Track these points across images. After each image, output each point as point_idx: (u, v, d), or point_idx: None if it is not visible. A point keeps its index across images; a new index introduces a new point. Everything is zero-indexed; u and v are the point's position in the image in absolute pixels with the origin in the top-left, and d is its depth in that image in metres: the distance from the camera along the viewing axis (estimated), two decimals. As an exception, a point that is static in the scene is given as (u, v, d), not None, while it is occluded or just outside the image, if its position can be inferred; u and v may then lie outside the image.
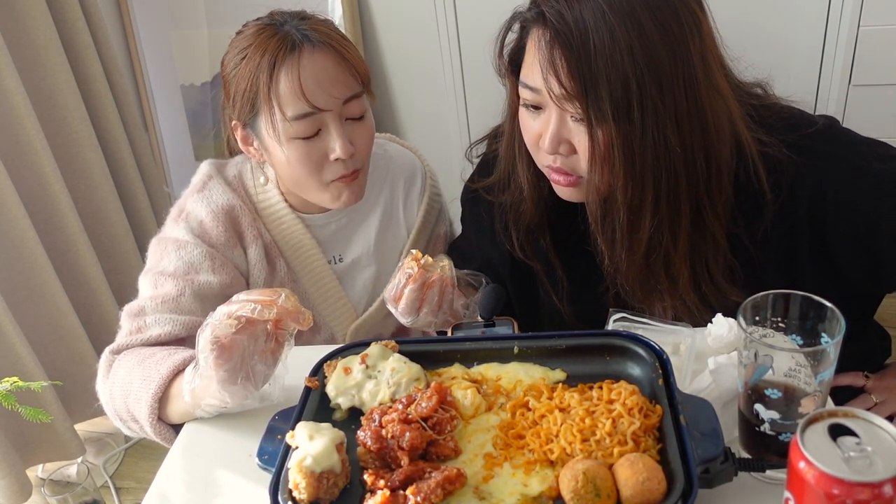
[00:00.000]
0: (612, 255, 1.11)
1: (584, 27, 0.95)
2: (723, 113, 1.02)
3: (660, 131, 0.98)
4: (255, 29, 1.18)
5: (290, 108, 1.14)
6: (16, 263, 1.83)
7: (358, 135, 1.20)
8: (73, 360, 1.96)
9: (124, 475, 2.12)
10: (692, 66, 0.97)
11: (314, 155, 1.18)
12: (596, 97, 0.96)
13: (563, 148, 1.04)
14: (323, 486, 0.78)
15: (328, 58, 1.15)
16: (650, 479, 0.74)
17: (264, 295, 0.89)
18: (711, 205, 1.05)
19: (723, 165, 1.03)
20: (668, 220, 1.04)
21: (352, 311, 1.36)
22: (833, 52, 1.96)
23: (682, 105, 0.98)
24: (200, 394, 0.95)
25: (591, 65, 0.95)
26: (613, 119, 0.97)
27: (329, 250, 1.34)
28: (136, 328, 1.17)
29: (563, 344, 0.95)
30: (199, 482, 0.95)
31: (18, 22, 1.83)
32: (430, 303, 1.08)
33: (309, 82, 1.13)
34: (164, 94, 2.41)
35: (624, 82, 0.95)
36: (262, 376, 0.92)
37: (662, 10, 0.95)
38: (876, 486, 0.58)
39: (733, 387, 0.85)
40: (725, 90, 1.03)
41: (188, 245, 1.22)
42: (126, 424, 1.12)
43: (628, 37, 0.94)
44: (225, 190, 1.27)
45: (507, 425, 0.87)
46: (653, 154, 0.99)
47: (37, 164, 1.86)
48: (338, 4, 2.15)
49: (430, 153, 1.47)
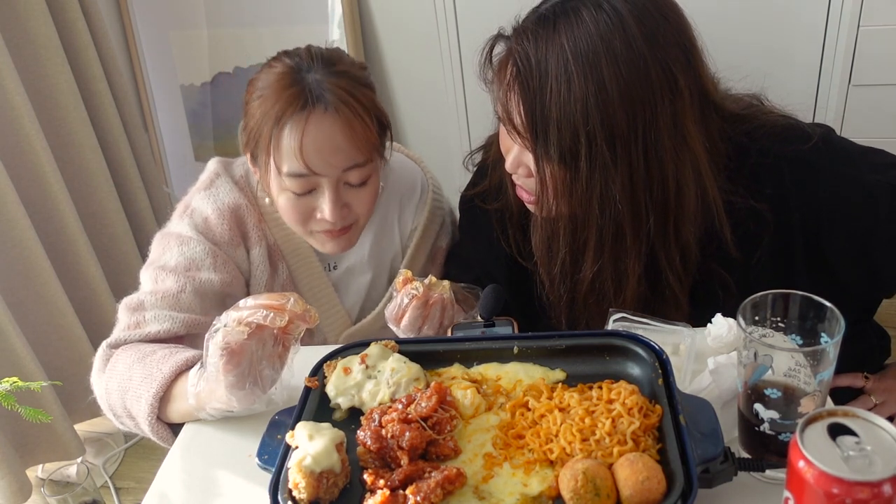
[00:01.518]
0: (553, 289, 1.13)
1: (544, 71, 0.95)
2: (689, 172, 1.01)
3: (607, 185, 0.98)
4: (280, 69, 1.14)
5: (286, 164, 1.13)
6: (16, 263, 1.82)
7: (355, 198, 1.19)
8: (73, 360, 1.96)
9: (124, 475, 2.12)
10: (656, 127, 0.96)
11: (302, 209, 1.18)
12: (545, 140, 0.97)
13: (522, 170, 1.06)
14: (323, 485, 0.78)
15: (336, 124, 1.12)
16: (650, 479, 0.74)
17: (272, 300, 0.89)
18: (668, 259, 1.05)
19: (683, 223, 1.03)
20: (611, 269, 1.05)
21: (346, 318, 1.37)
22: (833, 52, 1.96)
23: (638, 165, 0.97)
24: (206, 398, 0.95)
25: (543, 109, 0.96)
26: (560, 162, 0.98)
27: (325, 257, 1.34)
28: (135, 323, 1.16)
29: (563, 344, 0.95)
30: (198, 482, 0.95)
31: (18, 22, 1.83)
32: (431, 321, 1.09)
33: (309, 146, 1.11)
34: (164, 95, 2.41)
35: (573, 133, 0.95)
36: (269, 381, 0.92)
37: (630, 68, 0.94)
38: (875, 485, 0.58)
39: (733, 386, 0.85)
40: (697, 147, 1.01)
41: (191, 241, 1.21)
42: (119, 419, 1.12)
43: (585, 90, 0.93)
44: (232, 189, 1.26)
45: (507, 425, 0.87)
46: (598, 205, 1.00)
47: (36, 165, 1.85)
48: (337, 6, 2.15)
49: (431, 159, 1.47)
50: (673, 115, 0.97)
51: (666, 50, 0.96)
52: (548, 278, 1.13)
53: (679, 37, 0.98)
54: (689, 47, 1.00)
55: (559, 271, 1.10)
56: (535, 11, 1.01)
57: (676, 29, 0.98)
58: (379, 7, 2.20)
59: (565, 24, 0.96)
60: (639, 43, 0.94)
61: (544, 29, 0.97)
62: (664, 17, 0.97)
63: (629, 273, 1.05)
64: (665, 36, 0.96)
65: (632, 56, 0.94)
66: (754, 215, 1.06)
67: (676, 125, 0.98)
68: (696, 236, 1.05)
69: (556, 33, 0.96)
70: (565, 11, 0.97)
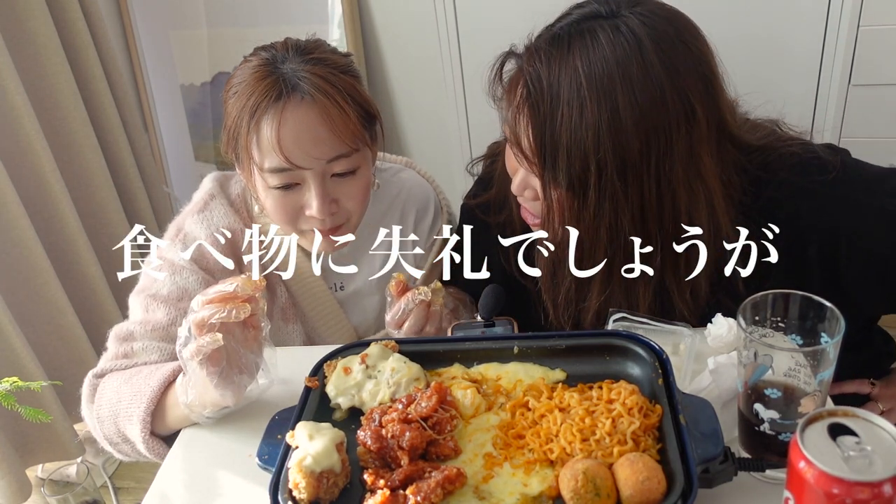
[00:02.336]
0: (557, 315, 1.10)
1: (556, 95, 0.92)
2: (702, 206, 0.97)
3: (617, 215, 0.95)
4: (255, 62, 1.09)
5: (266, 159, 1.07)
6: (16, 264, 1.82)
7: (345, 191, 1.12)
8: (72, 360, 1.96)
9: (124, 475, 2.12)
10: (670, 159, 0.93)
11: (289, 206, 1.11)
12: (553, 166, 0.94)
13: (529, 193, 1.03)
14: (323, 485, 0.78)
15: (312, 113, 1.05)
16: (650, 479, 0.74)
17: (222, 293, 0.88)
18: (679, 292, 1.02)
19: (694, 254, 0.99)
20: (622, 299, 1.02)
21: (353, 335, 1.32)
22: (833, 52, 1.96)
23: (650, 196, 0.94)
24: (198, 405, 0.95)
25: (553, 134, 0.92)
26: (568, 189, 0.95)
27: (330, 278, 1.29)
28: (123, 353, 1.14)
29: (563, 344, 0.95)
30: (199, 482, 0.95)
31: (18, 22, 1.83)
32: (433, 323, 1.07)
33: (287, 138, 1.05)
34: (164, 94, 2.40)
35: (583, 160, 0.92)
36: (254, 365, 0.93)
37: (647, 96, 0.90)
38: (875, 485, 0.58)
39: (733, 386, 0.85)
40: (712, 180, 0.97)
41: (184, 271, 1.17)
42: (117, 447, 1.10)
43: (598, 117, 0.90)
44: (227, 212, 1.21)
45: (507, 425, 0.87)
46: (606, 235, 0.97)
47: (36, 165, 1.85)
48: (337, 6, 2.15)
49: (430, 161, 1.46)
50: (689, 146, 0.93)
51: (685, 79, 0.92)
52: (552, 306, 1.10)
53: (699, 65, 0.94)
54: (710, 76, 0.96)
55: (563, 298, 1.06)
56: (549, 30, 0.97)
57: (697, 57, 0.94)
58: (379, 7, 2.20)
59: (580, 45, 0.92)
60: (657, 70, 0.90)
61: (558, 50, 0.93)
62: (684, 44, 0.93)
63: (639, 304, 1.02)
64: (685, 64, 0.92)
65: (649, 84, 0.90)
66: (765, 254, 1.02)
67: (692, 157, 0.94)
68: (707, 273, 1.01)
69: (571, 55, 0.92)
70: (581, 32, 0.93)
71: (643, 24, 0.92)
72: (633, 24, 0.92)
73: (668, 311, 1.05)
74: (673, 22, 0.95)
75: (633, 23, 0.92)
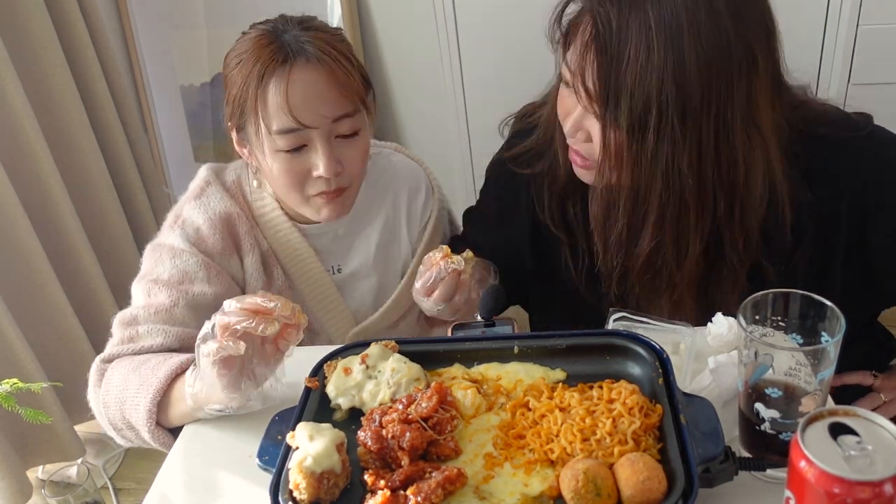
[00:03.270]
0: (607, 259, 1.10)
1: (624, 37, 0.92)
2: (758, 155, 0.99)
3: (674, 159, 0.96)
4: (256, 34, 1.15)
5: (275, 121, 1.11)
6: (16, 264, 1.82)
7: (348, 153, 1.17)
8: (73, 361, 1.96)
9: (124, 476, 2.12)
10: (730, 106, 0.94)
11: (297, 169, 1.15)
12: (616, 106, 0.95)
13: (581, 135, 1.04)
14: (323, 486, 0.78)
15: (319, 73, 1.11)
16: (650, 479, 0.74)
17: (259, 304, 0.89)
18: (732, 241, 1.03)
19: (749, 206, 1.01)
20: (671, 246, 1.03)
21: (351, 319, 1.35)
22: (832, 51, 1.95)
23: (708, 141, 0.95)
24: (203, 398, 0.96)
25: (618, 75, 0.93)
26: (628, 132, 0.96)
27: (327, 260, 1.32)
28: (128, 337, 1.15)
29: (563, 343, 0.95)
30: (199, 483, 0.95)
31: (17, 22, 1.83)
32: (463, 293, 1.10)
33: (296, 98, 1.10)
34: (164, 95, 2.40)
35: (645, 102, 0.93)
36: (263, 377, 0.93)
37: (712, 44, 0.92)
38: (876, 484, 0.58)
39: (733, 386, 0.85)
40: (768, 131, 0.99)
41: (184, 254, 1.19)
42: (121, 433, 1.11)
43: (664, 60, 0.91)
44: (223, 197, 1.25)
45: (508, 425, 0.87)
46: (662, 179, 0.97)
47: (36, 166, 1.85)
48: (337, 5, 2.15)
49: (430, 157, 1.46)
50: (748, 95, 0.95)
51: (750, 29, 0.94)
52: (602, 248, 1.10)
53: (763, 16, 0.97)
54: (771, 28, 0.99)
55: (615, 241, 1.07)
56: None
57: (761, 8, 0.97)
58: (379, 7, 2.20)
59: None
60: (724, 19, 0.92)
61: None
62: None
63: (689, 251, 1.03)
64: (750, 14, 0.94)
65: (715, 32, 0.91)
66: (807, 205, 1.05)
67: (750, 106, 0.96)
68: (759, 219, 1.03)
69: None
70: None
71: None
72: None
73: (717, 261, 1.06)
74: None
75: None
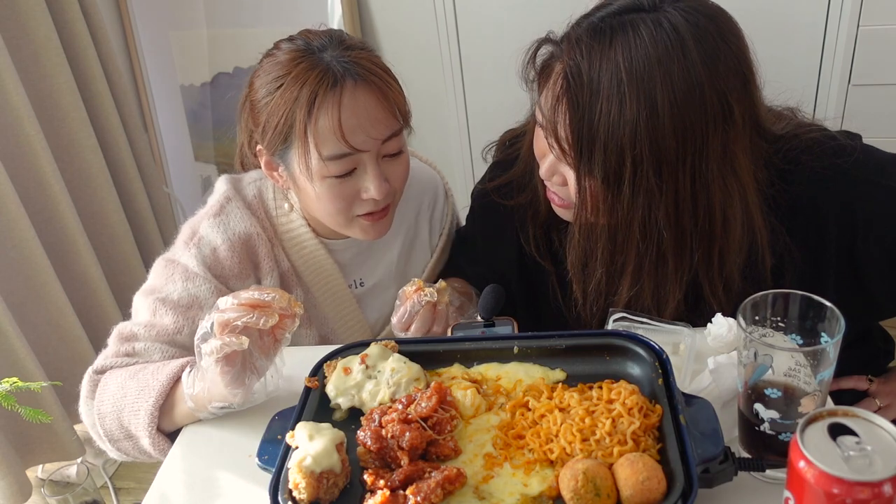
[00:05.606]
0: (586, 307, 1.10)
1: (596, 89, 0.91)
2: (737, 202, 0.98)
3: (650, 211, 0.95)
4: (291, 55, 1.09)
5: (326, 147, 1.07)
6: (16, 264, 1.82)
7: (393, 171, 1.14)
8: (73, 361, 1.96)
9: (124, 476, 2.12)
10: (706, 157, 0.93)
11: (346, 193, 1.11)
12: (589, 159, 0.94)
13: (557, 178, 1.03)
14: (323, 486, 0.78)
15: (370, 95, 1.07)
16: (650, 479, 0.74)
17: (256, 298, 0.89)
18: (712, 288, 1.02)
19: (729, 253, 1.00)
20: (650, 295, 1.02)
21: (368, 332, 1.32)
22: (832, 52, 1.96)
23: (685, 192, 0.94)
24: (205, 398, 0.96)
25: (591, 128, 0.92)
26: (603, 182, 0.95)
27: (350, 274, 1.29)
28: (124, 352, 1.12)
29: (563, 344, 0.95)
30: (198, 482, 0.95)
31: (18, 22, 1.83)
32: (440, 323, 1.09)
33: (349, 122, 1.06)
34: (164, 95, 2.40)
35: (619, 154, 0.92)
36: (264, 369, 0.94)
37: (686, 94, 0.90)
38: (876, 485, 0.58)
39: (733, 386, 0.85)
40: (746, 177, 0.98)
41: (197, 278, 1.14)
42: (116, 444, 1.08)
43: (636, 114, 0.90)
44: (244, 215, 1.19)
45: (507, 425, 0.87)
46: (639, 229, 0.97)
47: (36, 165, 1.85)
48: (337, 5, 2.15)
49: (430, 155, 1.46)
50: (724, 144, 0.94)
51: (724, 78, 0.92)
52: (582, 296, 1.10)
53: (738, 64, 0.94)
54: (748, 75, 0.96)
55: (594, 290, 1.06)
56: (588, 20, 0.96)
57: (737, 56, 0.94)
58: (379, 7, 2.20)
59: (622, 40, 0.91)
60: (697, 69, 0.90)
61: (599, 43, 0.92)
62: (726, 43, 0.93)
63: (669, 299, 1.02)
64: (725, 63, 0.92)
65: (689, 82, 0.90)
66: (788, 247, 1.03)
67: (727, 154, 0.95)
68: (739, 266, 1.02)
69: (612, 49, 0.91)
70: (623, 25, 0.92)
71: (686, 20, 0.91)
72: (675, 20, 0.91)
73: (698, 304, 1.05)
74: (715, 19, 0.94)
75: (676, 19, 0.91)
